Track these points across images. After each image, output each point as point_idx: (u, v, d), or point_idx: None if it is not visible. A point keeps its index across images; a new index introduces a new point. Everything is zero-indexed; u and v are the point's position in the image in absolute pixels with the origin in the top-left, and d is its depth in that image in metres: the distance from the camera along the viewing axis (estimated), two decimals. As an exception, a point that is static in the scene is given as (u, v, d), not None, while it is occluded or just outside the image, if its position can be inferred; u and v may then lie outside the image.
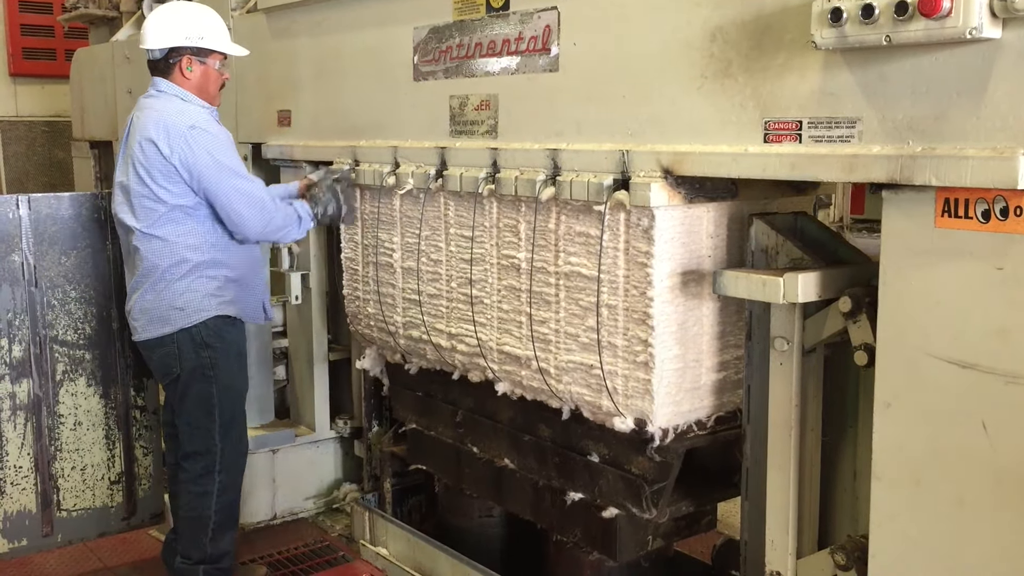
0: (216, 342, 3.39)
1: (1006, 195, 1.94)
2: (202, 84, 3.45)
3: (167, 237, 3.31)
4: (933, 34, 1.95)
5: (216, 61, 3.47)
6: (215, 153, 3.30)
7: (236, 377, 3.49)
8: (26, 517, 3.47)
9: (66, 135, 6.75)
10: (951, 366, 2.07)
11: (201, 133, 3.29)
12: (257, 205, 3.37)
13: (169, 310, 3.32)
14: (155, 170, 3.28)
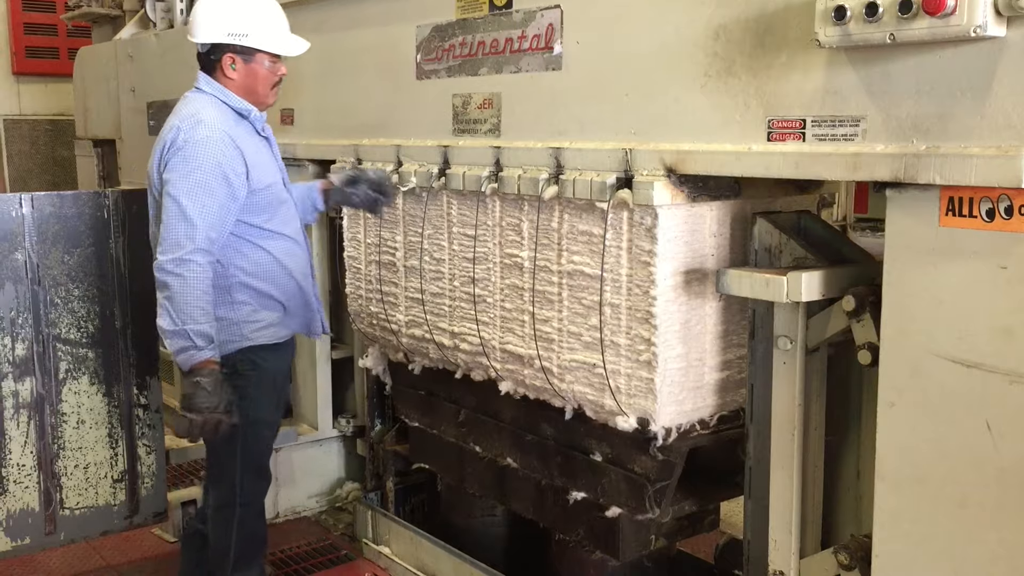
0: (249, 369, 3.10)
1: (1010, 194, 1.93)
2: (248, 84, 3.12)
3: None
4: (937, 32, 1.95)
5: (265, 59, 3.13)
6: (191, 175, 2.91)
7: (266, 410, 3.20)
8: (29, 515, 3.47)
9: (69, 134, 6.76)
10: (955, 365, 2.06)
11: (197, 153, 2.92)
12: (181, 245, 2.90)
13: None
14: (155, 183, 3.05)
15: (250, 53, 3.10)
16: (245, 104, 3.12)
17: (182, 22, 4.98)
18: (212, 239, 2.92)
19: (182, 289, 2.87)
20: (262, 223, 3.09)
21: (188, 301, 2.88)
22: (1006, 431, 2.00)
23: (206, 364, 2.90)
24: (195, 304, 2.88)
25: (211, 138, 2.95)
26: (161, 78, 5.10)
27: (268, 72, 3.14)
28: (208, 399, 2.88)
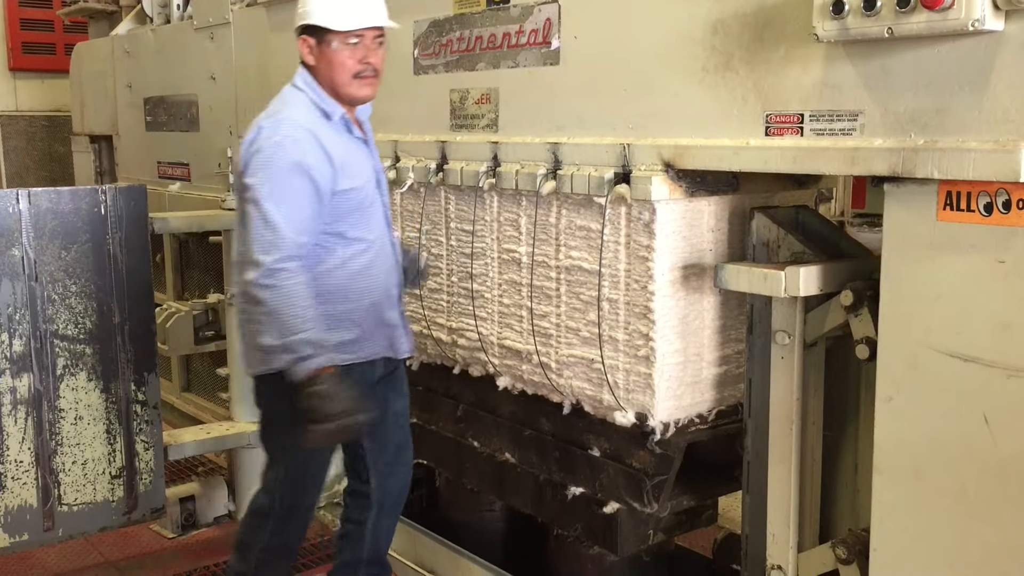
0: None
1: (1008, 188, 1.93)
2: (327, 75, 2.74)
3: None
4: (935, 26, 1.95)
5: (334, 39, 2.70)
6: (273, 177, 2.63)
7: None
8: (27, 512, 3.47)
9: (66, 129, 6.74)
10: (953, 360, 2.06)
11: (278, 153, 2.64)
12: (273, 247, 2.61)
13: (250, 351, 2.81)
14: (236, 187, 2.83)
15: (319, 33, 2.72)
16: (330, 104, 2.77)
17: (178, 18, 4.98)
18: (301, 244, 2.63)
19: (278, 301, 2.58)
20: (344, 230, 2.77)
21: (287, 312, 2.58)
22: (1004, 425, 2.00)
23: (320, 373, 2.60)
24: (295, 313, 2.59)
25: (293, 137, 2.65)
26: (158, 74, 5.09)
27: (344, 57, 2.71)
28: (332, 406, 2.59)
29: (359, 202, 2.80)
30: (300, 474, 2.96)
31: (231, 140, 4.43)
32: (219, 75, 4.51)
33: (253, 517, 3.05)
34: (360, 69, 2.73)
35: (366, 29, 2.71)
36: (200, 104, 4.70)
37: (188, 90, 4.79)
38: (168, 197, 4.93)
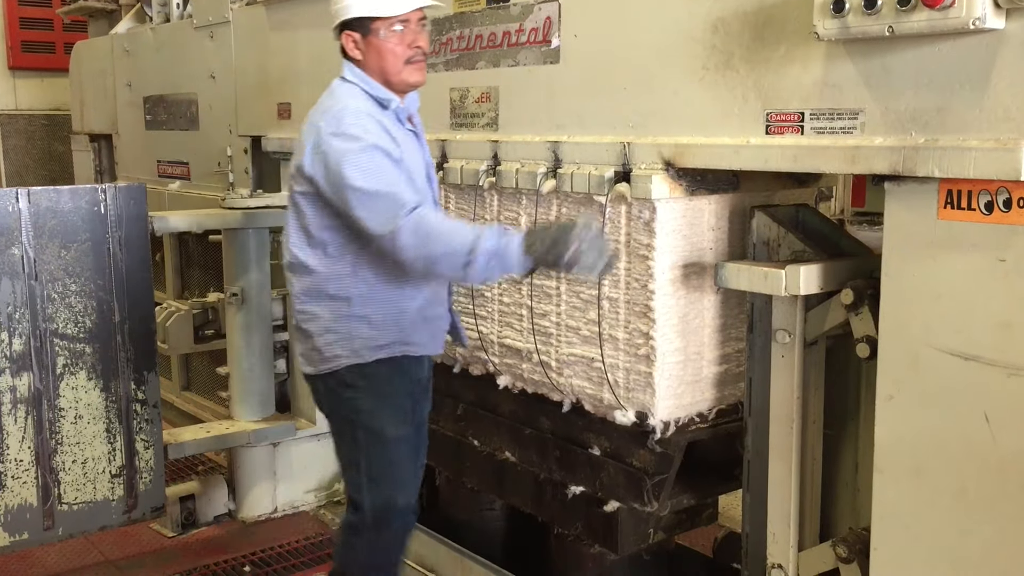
0: (361, 382, 2.76)
1: (1009, 186, 1.93)
2: (377, 65, 2.68)
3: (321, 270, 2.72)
4: (936, 25, 1.95)
5: (382, 28, 2.65)
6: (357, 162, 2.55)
7: (387, 421, 2.78)
8: (27, 511, 3.46)
9: (65, 128, 6.74)
10: (953, 358, 2.06)
11: (351, 143, 2.57)
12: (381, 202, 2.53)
13: (313, 351, 2.78)
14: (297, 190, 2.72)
15: (363, 26, 2.66)
16: (384, 92, 2.70)
17: (178, 16, 4.97)
18: (414, 198, 2.56)
19: (430, 237, 2.49)
20: None
21: (446, 239, 2.49)
22: (1004, 423, 2.00)
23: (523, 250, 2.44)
24: (452, 234, 2.49)
25: (360, 124, 2.59)
26: (157, 73, 5.09)
27: (393, 44, 2.66)
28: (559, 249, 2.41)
29: None
30: (383, 466, 2.80)
31: (231, 139, 4.43)
32: (219, 74, 4.51)
33: (344, 534, 2.91)
34: (411, 54, 2.68)
35: (412, 12, 2.67)
36: (200, 103, 4.70)
37: (188, 89, 4.79)
38: (168, 196, 4.93)
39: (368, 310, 2.71)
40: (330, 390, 2.80)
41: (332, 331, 2.72)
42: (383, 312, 2.72)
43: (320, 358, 2.76)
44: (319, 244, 2.69)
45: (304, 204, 2.68)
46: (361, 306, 2.70)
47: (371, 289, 2.69)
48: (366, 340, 2.71)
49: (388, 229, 2.50)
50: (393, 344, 2.74)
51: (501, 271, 2.51)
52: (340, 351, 2.73)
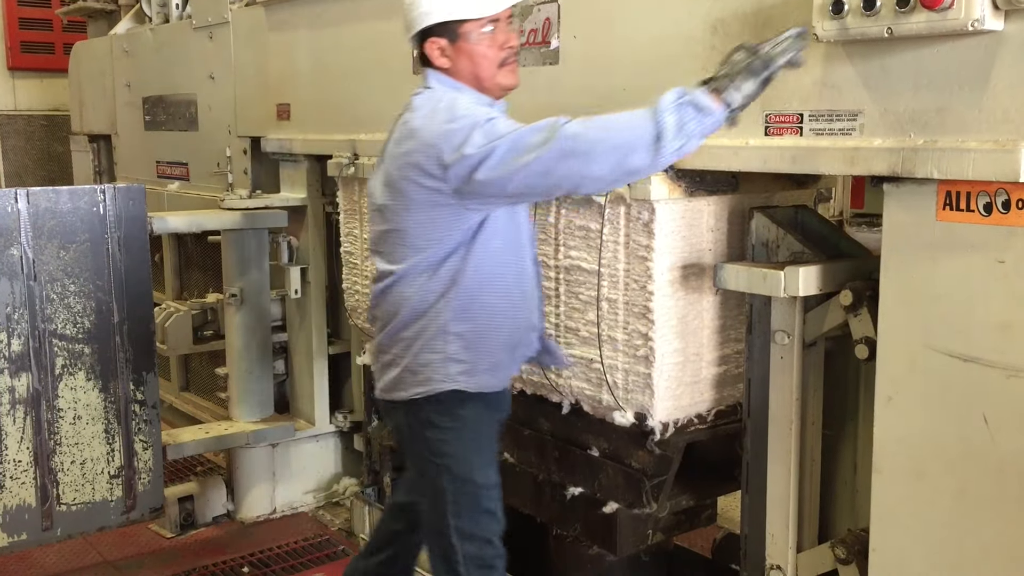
0: (448, 423, 2.54)
1: (1008, 188, 1.93)
2: (469, 71, 2.47)
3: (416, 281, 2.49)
4: (935, 26, 1.95)
5: (473, 31, 2.43)
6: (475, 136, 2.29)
7: (476, 466, 2.57)
8: (25, 511, 3.46)
9: (65, 129, 6.74)
10: (952, 359, 2.06)
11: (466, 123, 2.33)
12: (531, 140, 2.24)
13: (404, 372, 2.55)
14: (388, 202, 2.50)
15: (450, 31, 2.44)
16: (481, 97, 2.48)
17: (177, 17, 4.97)
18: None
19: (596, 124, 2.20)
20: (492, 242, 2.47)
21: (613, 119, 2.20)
22: (1003, 425, 2.00)
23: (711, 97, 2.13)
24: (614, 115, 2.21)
25: (469, 107, 2.38)
26: (157, 73, 5.09)
27: (485, 47, 2.45)
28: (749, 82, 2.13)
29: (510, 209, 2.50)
30: (475, 515, 2.58)
31: (230, 140, 4.43)
32: (218, 74, 4.51)
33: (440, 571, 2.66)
34: (505, 55, 2.46)
35: (502, 11, 2.45)
36: (199, 103, 4.70)
37: (187, 89, 4.79)
38: (167, 196, 4.92)
39: (463, 327, 2.48)
40: (411, 427, 2.57)
41: (426, 350, 2.49)
42: (478, 331, 2.49)
43: (408, 383, 2.52)
44: (414, 255, 2.45)
45: (401, 211, 2.44)
46: (456, 323, 2.47)
47: (469, 304, 2.47)
48: (459, 364, 2.49)
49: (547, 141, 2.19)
50: (484, 371, 2.52)
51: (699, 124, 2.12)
52: (432, 374, 2.50)
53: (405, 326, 2.52)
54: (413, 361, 2.52)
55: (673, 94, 2.14)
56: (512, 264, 2.53)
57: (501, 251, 2.49)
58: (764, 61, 2.11)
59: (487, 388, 2.56)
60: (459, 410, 2.53)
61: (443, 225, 2.42)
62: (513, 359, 2.64)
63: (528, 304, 2.60)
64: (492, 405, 2.62)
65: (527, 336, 2.64)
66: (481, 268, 2.46)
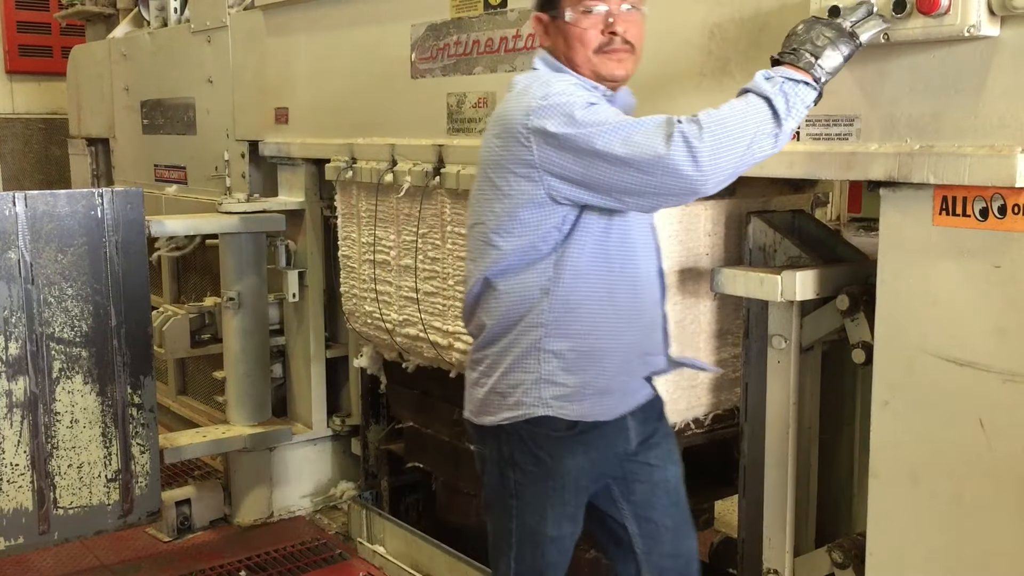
0: (531, 465, 2.23)
1: (1004, 193, 1.94)
2: (564, 54, 2.19)
3: (501, 287, 2.19)
4: (931, 32, 1.95)
5: (569, 8, 2.14)
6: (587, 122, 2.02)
7: (549, 517, 2.26)
8: (22, 515, 3.46)
9: (63, 132, 6.73)
10: (949, 364, 2.07)
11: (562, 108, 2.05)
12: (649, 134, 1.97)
13: (491, 393, 2.24)
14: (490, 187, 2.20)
15: (552, 6, 2.19)
16: (584, 80, 2.18)
17: (175, 21, 4.98)
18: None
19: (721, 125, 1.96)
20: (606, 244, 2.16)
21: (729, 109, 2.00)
22: (999, 429, 2.01)
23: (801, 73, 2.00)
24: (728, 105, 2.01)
25: (565, 90, 2.10)
26: (155, 77, 5.09)
27: (581, 28, 2.14)
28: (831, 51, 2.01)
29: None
30: (539, 544, 2.29)
31: (228, 143, 4.43)
32: (216, 78, 4.51)
33: None
34: (603, 41, 2.14)
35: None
36: (197, 107, 4.70)
37: (185, 93, 4.79)
38: (165, 200, 4.92)
39: (561, 344, 2.15)
40: (493, 459, 2.29)
41: (516, 369, 2.18)
42: (580, 350, 2.16)
43: (496, 406, 2.22)
44: (499, 256, 2.16)
45: (484, 202, 2.20)
46: (552, 339, 2.15)
47: (566, 317, 2.14)
48: (555, 386, 2.16)
49: (664, 142, 1.94)
50: (590, 398, 2.18)
51: (803, 101, 2.00)
52: (523, 396, 2.18)
53: (492, 340, 2.21)
54: (501, 381, 2.20)
55: (762, 76, 2.01)
56: (623, 272, 2.17)
57: (606, 256, 2.15)
58: (849, 35, 2.01)
59: (591, 417, 2.18)
60: (546, 453, 2.20)
61: (530, 220, 2.12)
62: (630, 385, 2.24)
63: (645, 321, 2.23)
64: (596, 444, 2.22)
65: (649, 360, 2.27)
66: (581, 275, 2.13)
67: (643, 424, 2.30)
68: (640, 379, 2.27)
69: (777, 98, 1.98)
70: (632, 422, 2.26)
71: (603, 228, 2.14)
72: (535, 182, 2.08)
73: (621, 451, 2.28)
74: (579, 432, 2.19)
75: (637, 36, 2.18)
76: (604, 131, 2.00)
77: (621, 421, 2.24)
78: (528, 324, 2.15)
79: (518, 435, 2.21)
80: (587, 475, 2.26)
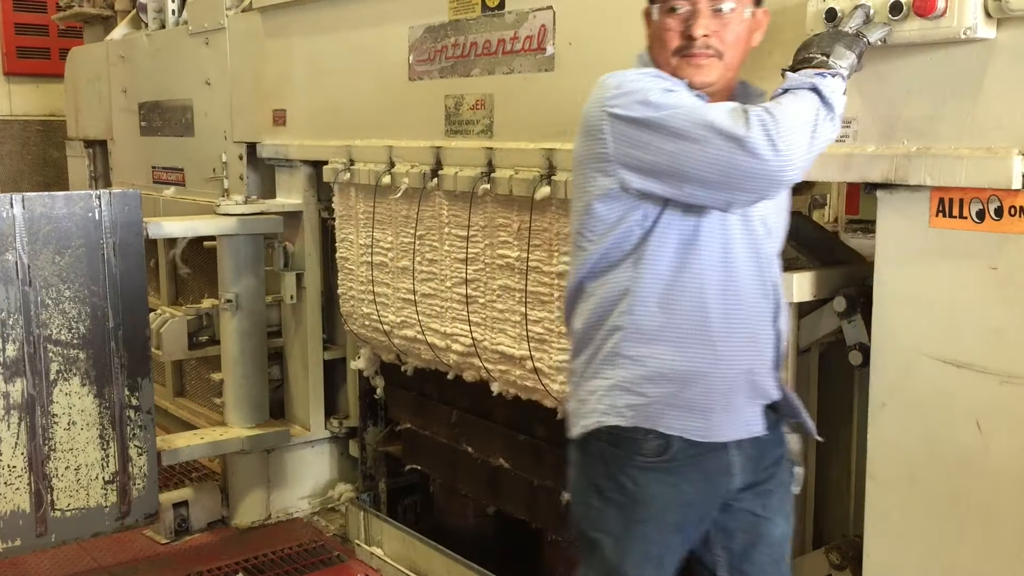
0: (614, 492, 2.02)
1: (1000, 195, 1.94)
2: (653, 55, 2.08)
3: (588, 288, 2.07)
4: (928, 34, 1.96)
5: (655, 7, 2.05)
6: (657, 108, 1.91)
7: (630, 556, 2.04)
8: (20, 517, 3.45)
9: (60, 134, 6.73)
10: (946, 366, 2.07)
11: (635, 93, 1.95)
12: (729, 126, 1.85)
13: (576, 402, 2.09)
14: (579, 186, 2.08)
15: (651, 1, 2.08)
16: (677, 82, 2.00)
17: (173, 23, 4.98)
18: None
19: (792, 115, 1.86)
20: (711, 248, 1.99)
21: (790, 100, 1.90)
22: (997, 431, 2.01)
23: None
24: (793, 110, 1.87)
25: (644, 78, 1.99)
26: (153, 79, 5.09)
27: (663, 28, 2.03)
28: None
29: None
30: None
31: (226, 145, 4.43)
32: (214, 80, 4.51)
33: None
34: (681, 44, 2.00)
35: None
36: (195, 109, 4.70)
37: (183, 95, 4.79)
38: (162, 202, 4.92)
39: (640, 350, 1.97)
40: (576, 482, 2.12)
41: (596, 375, 2.03)
42: (664, 359, 1.97)
43: (576, 414, 2.07)
44: (584, 257, 2.05)
45: (574, 202, 2.10)
46: (632, 344, 1.98)
47: (648, 323, 1.97)
48: (629, 394, 1.98)
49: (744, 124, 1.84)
50: (669, 413, 1.98)
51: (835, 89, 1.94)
52: (596, 403, 2.02)
53: (581, 347, 2.08)
54: (581, 387, 2.06)
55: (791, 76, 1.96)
56: (715, 278, 1.98)
57: (695, 259, 1.97)
58: (855, 35, 2.00)
59: (673, 431, 1.97)
60: (629, 479, 2.00)
61: (609, 216, 1.99)
62: (731, 404, 2.01)
63: (746, 335, 2.02)
64: (689, 476, 2.00)
65: (757, 382, 2.04)
66: (663, 276, 1.96)
67: (754, 463, 2.06)
68: (747, 403, 2.03)
69: (820, 84, 1.91)
70: (738, 457, 2.03)
71: (691, 228, 1.97)
72: (610, 176, 1.97)
73: (722, 490, 2.04)
74: (669, 460, 1.98)
75: (728, 41, 2.01)
76: (680, 113, 1.89)
77: (722, 452, 2.01)
78: (609, 327, 2.01)
79: (601, 456, 2.03)
80: (677, 512, 2.02)
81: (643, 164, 1.93)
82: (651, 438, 1.98)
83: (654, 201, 1.96)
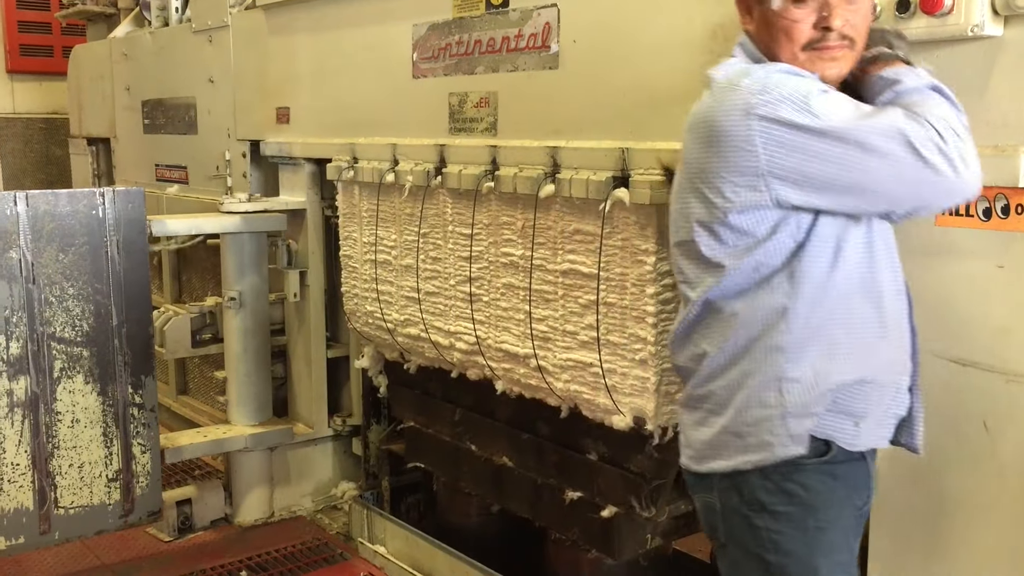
0: (783, 504, 1.88)
1: (1007, 193, 1.94)
2: (766, 46, 1.90)
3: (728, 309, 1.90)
4: (935, 31, 1.95)
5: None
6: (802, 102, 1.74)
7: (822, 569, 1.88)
8: (23, 515, 3.46)
9: (63, 132, 6.74)
10: (952, 364, 2.06)
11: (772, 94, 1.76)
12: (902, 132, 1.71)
13: (723, 434, 1.92)
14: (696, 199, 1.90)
15: None
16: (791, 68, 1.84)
17: (177, 20, 4.98)
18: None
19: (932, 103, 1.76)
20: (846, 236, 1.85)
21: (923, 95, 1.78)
22: (1003, 430, 2.00)
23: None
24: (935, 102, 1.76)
25: (790, 78, 1.80)
26: (156, 77, 5.09)
27: (788, 20, 1.85)
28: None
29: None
30: None
31: (229, 143, 4.43)
32: (217, 78, 4.51)
33: None
34: (815, 37, 1.83)
35: None
36: (198, 107, 4.70)
37: (186, 93, 4.79)
38: (166, 200, 4.92)
39: (808, 370, 1.84)
40: (731, 509, 1.93)
41: (755, 404, 1.86)
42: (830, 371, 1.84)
43: (730, 448, 1.90)
44: (736, 273, 1.86)
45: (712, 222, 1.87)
46: (795, 365, 1.83)
47: (809, 340, 1.83)
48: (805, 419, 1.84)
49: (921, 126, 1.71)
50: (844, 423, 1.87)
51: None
52: (769, 436, 1.85)
53: (718, 372, 1.91)
54: (737, 419, 1.88)
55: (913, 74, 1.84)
56: (865, 284, 1.87)
57: (847, 267, 1.84)
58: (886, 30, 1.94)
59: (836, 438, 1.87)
60: (798, 486, 1.86)
61: (757, 231, 1.83)
62: (880, 413, 1.92)
63: (893, 337, 1.91)
64: (847, 479, 1.89)
65: (899, 381, 1.94)
66: (822, 289, 1.83)
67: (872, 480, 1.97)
68: (889, 408, 1.94)
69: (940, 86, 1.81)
70: (872, 467, 1.95)
71: (840, 233, 1.83)
72: (760, 192, 1.78)
73: (860, 502, 1.94)
74: (829, 460, 1.87)
75: (860, 28, 1.85)
76: (854, 121, 1.73)
77: (862, 462, 1.92)
78: (764, 349, 1.84)
79: (758, 470, 1.87)
80: (850, 513, 1.91)
81: (808, 177, 1.76)
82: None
83: (806, 210, 1.81)
